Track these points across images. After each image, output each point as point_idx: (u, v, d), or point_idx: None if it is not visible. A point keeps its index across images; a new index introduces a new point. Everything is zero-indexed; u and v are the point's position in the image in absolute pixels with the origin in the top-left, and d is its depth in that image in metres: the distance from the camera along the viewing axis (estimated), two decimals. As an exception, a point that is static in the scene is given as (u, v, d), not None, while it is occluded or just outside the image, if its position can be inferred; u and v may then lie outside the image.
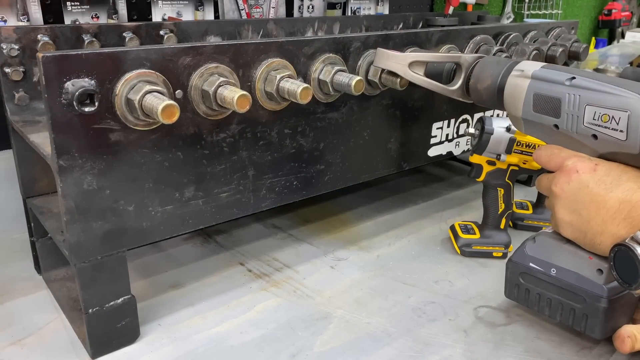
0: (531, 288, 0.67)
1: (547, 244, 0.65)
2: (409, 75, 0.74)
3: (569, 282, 0.62)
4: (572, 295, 0.63)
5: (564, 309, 0.64)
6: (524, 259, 0.67)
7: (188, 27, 0.98)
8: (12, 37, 0.76)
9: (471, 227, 0.94)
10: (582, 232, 0.59)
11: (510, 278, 0.69)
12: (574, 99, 0.58)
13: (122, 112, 0.58)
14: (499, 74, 0.67)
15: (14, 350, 0.67)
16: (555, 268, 0.63)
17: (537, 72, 0.62)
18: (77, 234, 0.59)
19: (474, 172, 0.90)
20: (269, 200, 0.76)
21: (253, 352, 0.67)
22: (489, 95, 0.69)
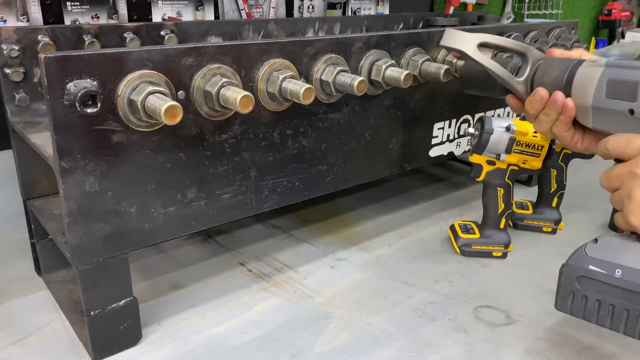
0: (589, 295, 0.58)
1: (611, 243, 0.57)
2: (477, 56, 0.70)
3: (638, 284, 0.54)
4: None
5: (631, 315, 0.55)
6: (583, 261, 0.58)
7: (189, 27, 0.98)
8: (12, 37, 0.75)
9: (471, 227, 0.94)
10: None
11: (565, 284, 0.59)
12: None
13: (125, 113, 0.58)
14: (568, 66, 0.65)
15: (14, 351, 0.67)
16: (621, 269, 0.56)
17: (611, 60, 0.62)
18: (79, 236, 0.59)
19: (473, 172, 0.90)
20: (271, 201, 0.76)
21: (253, 352, 0.67)
22: (555, 86, 0.66)
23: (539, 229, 1.00)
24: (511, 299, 0.79)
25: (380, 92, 0.83)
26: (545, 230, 1.00)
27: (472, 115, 1.03)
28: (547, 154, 0.88)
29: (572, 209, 1.07)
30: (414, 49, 0.84)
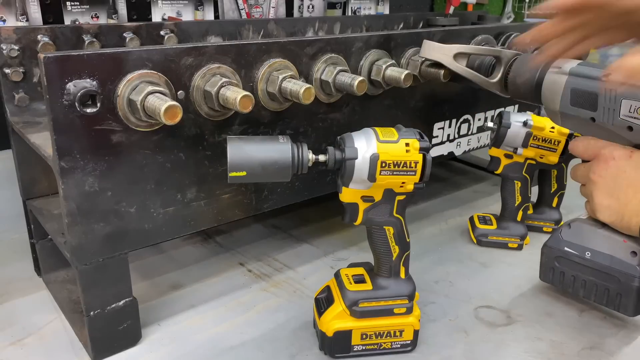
0: (566, 271, 0.69)
1: (582, 229, 0.67)
2: (453, 66, 0.77)
3: (603, 264, 0.64)
4: (607, 276, 0.65)
5: (598, 289, 0.66)
6: (559, 243, 0.68)
7: (188, 27, 0.98)
8: (12, 37, 0.75)
9: (489, 219, 0.97)
10: (620, 215, 0.61)
11: (546, 262, 0.71)
12: (610, 93, 0.61)
13: (124, 113, 0.58)
14: (537, 69, 0.69)
15: (14, 351, 0.67)
16: (590, 251, 0.66)
17: (574, 68, 0.65)
18: (78, 236, 0.59)
19: (492, 165, 0.93)
20: (270, 201, 0.76)
21: (253, 352, 0.67)
22: (527, 89, 0.71)
23: (539, 229, 1.00)
24: (511, 299, 0.79)
25: (380, 92, 0.82)
26: (545, 230, 1.00)
27: (472, 115, 1.03)
28: (563, 149, 0.88)
29: (572, 209, 1.07)
30: (414, 49, 0.84)
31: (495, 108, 1.07)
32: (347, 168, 0.59)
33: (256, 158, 0.57)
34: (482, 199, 1.13)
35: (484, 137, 1.07)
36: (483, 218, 0.97)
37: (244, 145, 0.57)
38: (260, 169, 0.57)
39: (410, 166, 0.60)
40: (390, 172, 0.59)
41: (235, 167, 0.56)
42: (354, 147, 0.59)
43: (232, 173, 0.56)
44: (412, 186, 0.61)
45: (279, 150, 0.57)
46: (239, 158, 0.56)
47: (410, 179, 0.60)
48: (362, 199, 0.62)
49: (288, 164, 0.58)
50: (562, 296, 0.79)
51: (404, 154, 0.59)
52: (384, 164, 0.59)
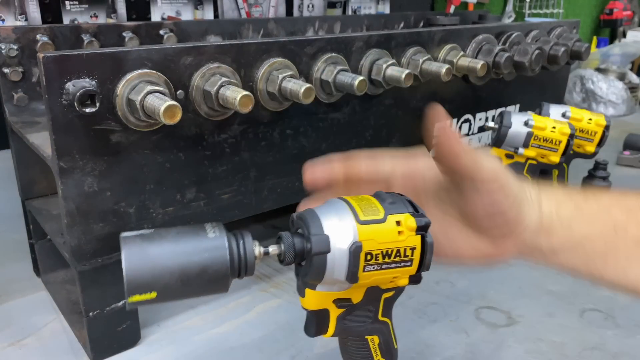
0: None
1: None
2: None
3: None
4: None
5: None
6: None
7: (188, 26, 0.98)
8: (10, 37, 0.75)
9: None
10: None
11: None
12: None
13: (124, 112, 0.57)
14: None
15: (13, 351, 0.67)
16: None
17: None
18: (77, 237, 0.59)
19: None
20: (270, 201, 0.76)
21: (253, 353, 0.67)
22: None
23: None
24: (512, 299, 0.79)
25: (380, 91, 0.82)
26: (546, 230, 1.00)
27: (473, 115, 1.02)
28: (565, 148, 0.88)
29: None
30: (414, 48, 0.84)
31: (496, 108, 1.07)
32: (315, 266, 0.39)
33: (172, 267, 0.36)
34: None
35: (485, 137, 1.07)
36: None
37: (148, 247, 0.36)
38: (179, 284, 0.36)
39: (404, 255, 0.41)
40: (378, 267, 0.40)
41: (138, 286, 0.35)
42: (324, 235, 0.39)
43: (134, 297, 0.35)
44: (406, 280, 0.43)
45: (209, 250, 0.38)
46: (144, 271, 0.36)
47: (404, 271, 0.42)
48: (336, 304, 0.43)
49: (225, 269, 0.38)
50: (563, 296, 0.79)
51: (396, 238, 0.40)
52: (370, 256, 0.39)
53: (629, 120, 1.80)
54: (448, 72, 0.81)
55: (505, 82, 1.04)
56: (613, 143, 1.32)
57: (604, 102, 1.83)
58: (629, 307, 0.75)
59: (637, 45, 2.12)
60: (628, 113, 1.84)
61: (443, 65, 0.82)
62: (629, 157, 1.35)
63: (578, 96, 1.86)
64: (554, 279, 0.82)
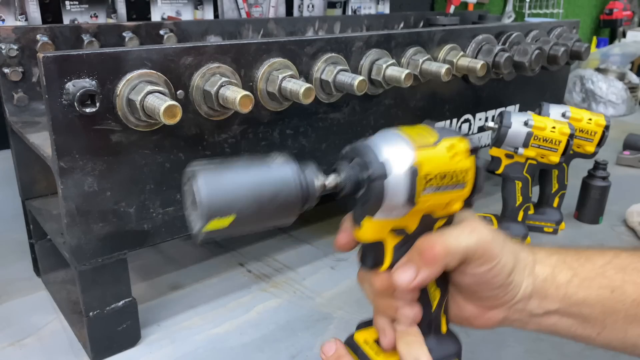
0: None
1: None
2: None
3: None
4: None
5: None
6: None
7: (188, 26, 0.98)
8: (10, 37, 0.75)
9: (490, 219, 0.97)
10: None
11: None
12: None
13: (124, 112, 0.57)
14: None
15: (13, 351, 0.67)
16: None
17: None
18: (77, 237, 0.59)
19: (492, 165, 0.92)
20: (270, 201, 0.75)
21: (253, 353, 0.67)
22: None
23: (540, 229, 1.00)
24: (512, 299, 0.79)
25: (380, 91, 0.82)
26: (546, 230, 1.00)
27: (473, 115, 1.02)
28: (564, 148, 0.88)
29: (573, 209, 1.06)
30: (414, 48, 0.84)
31: (496, 108, 1.07)
32: (374, 192, 0.39)
33: (247, 190, 0.36)
34: (482, 199, 1.13)
35: (484, 137, 1.07)
36: (484, 218, 0.96)
37: (222, 173, 0.36)
38: (254, 208, 0.36)
39: (459, 178, 0.41)
40: (435, 189, 0.41)
41: (218, 210, 0.35)
42: (380, 162, 0.39)
43: (212, 223, 0.35)
44: (460, 205, 0.43)
45: (280, 175, 0.38)
46: (221, 195, 0.35)
47: (459, 194, 0.42)
48: (393, 233, 0.43)
49: (295, 194, 0.38)
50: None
51: (450, 162, 0.41)
52: (428, 177, 0.40)
53: (629, 120, 1.80)
54: (448, 72, 0.81)
55: (505, 82, 1.04)
56: (613, 143, 1.32)
57: (603, 102, 1.83)
58: (628, 307, 0.75)
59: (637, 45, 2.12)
60: (628, 113, 1.85)
61: (443, 65, 0.82)
62: (628, 157, 1.35)
63: (578, 96, 1.86)
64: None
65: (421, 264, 0.42)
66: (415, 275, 0.42)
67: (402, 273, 0.42)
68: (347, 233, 0.46)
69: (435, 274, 0.43)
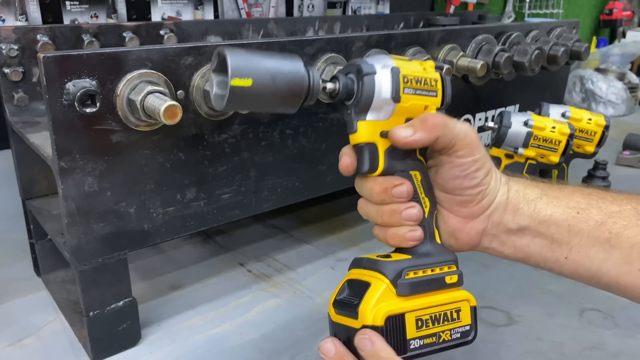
0: None
1: None
2: None
3: None
4: None
5: None
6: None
7: (188, 26, 0.98)
8: (11, 37, 0.75)
9: None
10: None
11: None
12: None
13: (124, 112, 0.58)
14: None
15: (13, 351, 0.67)
16: None
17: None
18: (78, 236, 0.59)
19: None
20: (270, 201, 0.76)
21: (253, 353, 0.67)
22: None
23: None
24: (512, 299, 0.79)
25: (380, 91, 0.82)
26: (546, 230, 1.00)
27: (473, 115, 1.02)
28: (564, 148, 0.88)
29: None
30: (414, 49, 0.84)
31: (496, 108, 1.07)
32: (366, 86, 0.47)
33: (265, 64, 0.44)
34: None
35: (484, 137, 1.07)
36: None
37: (247, 52, 0.44)
38: (270, 80, 0.44)
39: (431, 84, 0.51)
40: (413, 91, 0.49)
41: (240, 71, 0.43)
42: (370, 64, 0.48)
43: (236, 80, 0.42)
44: (434, 111, 0.51)
45: (292, 65, 0.46)
46: (244, 62, 0.43)
47: (433, 101, 0.51)
48: (382, 136, 0.50)
49: (302, 82, 0.46)
50: (563, 296, 0.79)
51: (422, 71, 0.51)
52: (406, 79, 0.49)
53: (629, 120, 1.80)
54: (448, 72, 0.81)
55: (505, 82, 1.04)
56: (612, 143, 1.32)
57: (603, 102, 1.83)
58: (628, 306, 0.75)
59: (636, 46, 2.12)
60: (628, 113, 1.85)
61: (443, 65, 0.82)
62: (628, 157, 1.36)
63: (578, 96, 1.86)
64: (553, 279, 0.82)
65: (420, 128, 0.48)
66: (412, 134, 0.48)
67: (402, 129, 0.48)
68: (347, 155, 0.51)
69: (428, 140, 0.49)
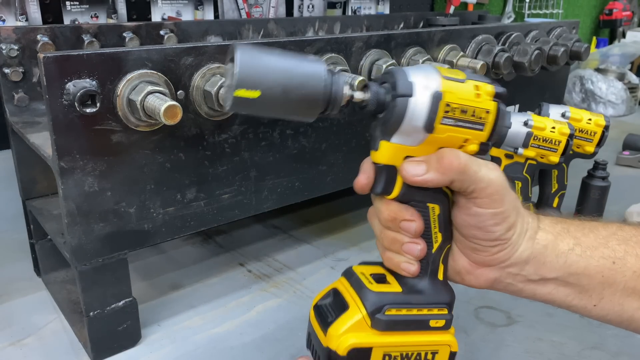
0: None
1: None
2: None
3: None
4: None
5: None
6: None
7: (188, 27, 0.98)
8: (11, 37, 0.75)
9: None
10: None
11: None
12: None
13: (124, 113, 0.58)
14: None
15: (13, 351, 0.67)
16: None
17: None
18: (78, 237, 0.59)
19: None
20: (270, 201, 0.76)
21: (253, 353, 0.67)
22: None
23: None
24: (512, 299, 0.78)
25: (380, 91, 0.82)
26: (546, 230, 1.00)
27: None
28: (564, 148, 0.88)
29: (572, 209, 1.06)
30: (414, 49, 0.84)
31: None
32: (397, 108, 0.41)
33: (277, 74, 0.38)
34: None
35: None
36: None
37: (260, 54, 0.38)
38: (280, 91, 0.38)
39: (479, 116, 0.42)
40: (453, 122, 0.42)
41: (247, 81, 0.37)
42: (408, 81, 0.41)
43: (240, 91, 0.37)
44: (475, 147, 0.44)
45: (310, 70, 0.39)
46: (254, 70, 0.37)
47: (476, 135, 0.43)
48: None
49: (319, 90, 0.39)
50: (562, 296, 0.79)
51: (474, 99, 0.42)
52: (449, 107, 0.41)
53: (629, 120, 1.80)
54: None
55: (505, 83, 1.04)
56: (612, 143, 1.33)
57: (603, 102, 1.83)
58: (628, 306, 0.76)
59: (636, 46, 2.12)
60: (627, 113, 1.85)
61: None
62: (628, 157, 1.36)
63: (577, 96, 1.86)
64: (553, 279, 0.82)
65: (434, 167, 0.42)
66: (423, 172, 0.42)
67: (413, 165, 0.43)
68: (366, 174, 0.46)
69: (441, 182, 0.43)
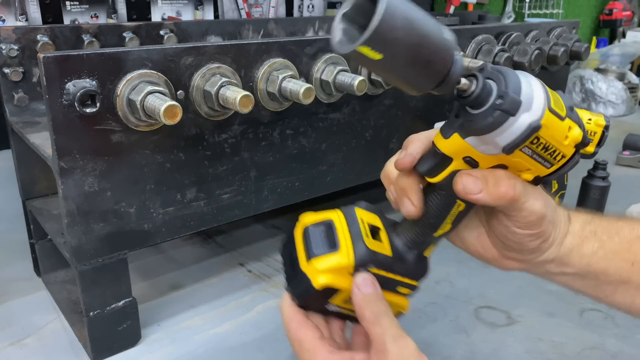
0: None
1: None
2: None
3: None
4: None
5: None
6: None
7: (188, 26, 0.98)
8: (11, 37, 0.75)
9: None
10: None
11: None
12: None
13: (124, 113, 0.58)
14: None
15: (13, 351, 0.67)
16: None
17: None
18: (78, 236, 0.59)
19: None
20: (270, 201, 0.76)
21: (253, 353, 0.67)
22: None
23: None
24: (512, 299, 0.79)
25: (380, 91, 0.82)
26: (546, 230, 1.00)
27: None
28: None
29: (573, 209, 1.06)
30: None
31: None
32: (492, 120, 0.38)
33: (408, 43, 0.34)
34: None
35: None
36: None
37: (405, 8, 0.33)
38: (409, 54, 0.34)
39: (555, 157, 0.41)
40: (531, 153, 0.41)
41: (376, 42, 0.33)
42: (519, 99, 0.38)
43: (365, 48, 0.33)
44: (530, 177, 0.44)
45: (445, 37, 0.36)
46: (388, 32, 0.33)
47: (540, 169, 0.43)
48: (464, 160, 0.43)
49: (449, 59, 0.36)
50: (563, 296, 0.79)
51: (561, 141, 0.41)
52: (535, 140, 0.39)
53: (629, 120, 1.80)
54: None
55: (505, 83, 1.04)
56: (612, 143, 1.33)
57: (603, 102, 1.83)
58: (628, 306, 0.76)
59: (636, 46, 2.12)
60: (627, 113, 1.85)
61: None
62: (628, 157, 1.36)
63: (577, 96, 1.86)
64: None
65: (491, 190, 0.42)
66: (478, 191, 0.42)
67: (471, 181, 0.42)
68: (411, 157, 0.46)
69: (491, 204, 0.43)
